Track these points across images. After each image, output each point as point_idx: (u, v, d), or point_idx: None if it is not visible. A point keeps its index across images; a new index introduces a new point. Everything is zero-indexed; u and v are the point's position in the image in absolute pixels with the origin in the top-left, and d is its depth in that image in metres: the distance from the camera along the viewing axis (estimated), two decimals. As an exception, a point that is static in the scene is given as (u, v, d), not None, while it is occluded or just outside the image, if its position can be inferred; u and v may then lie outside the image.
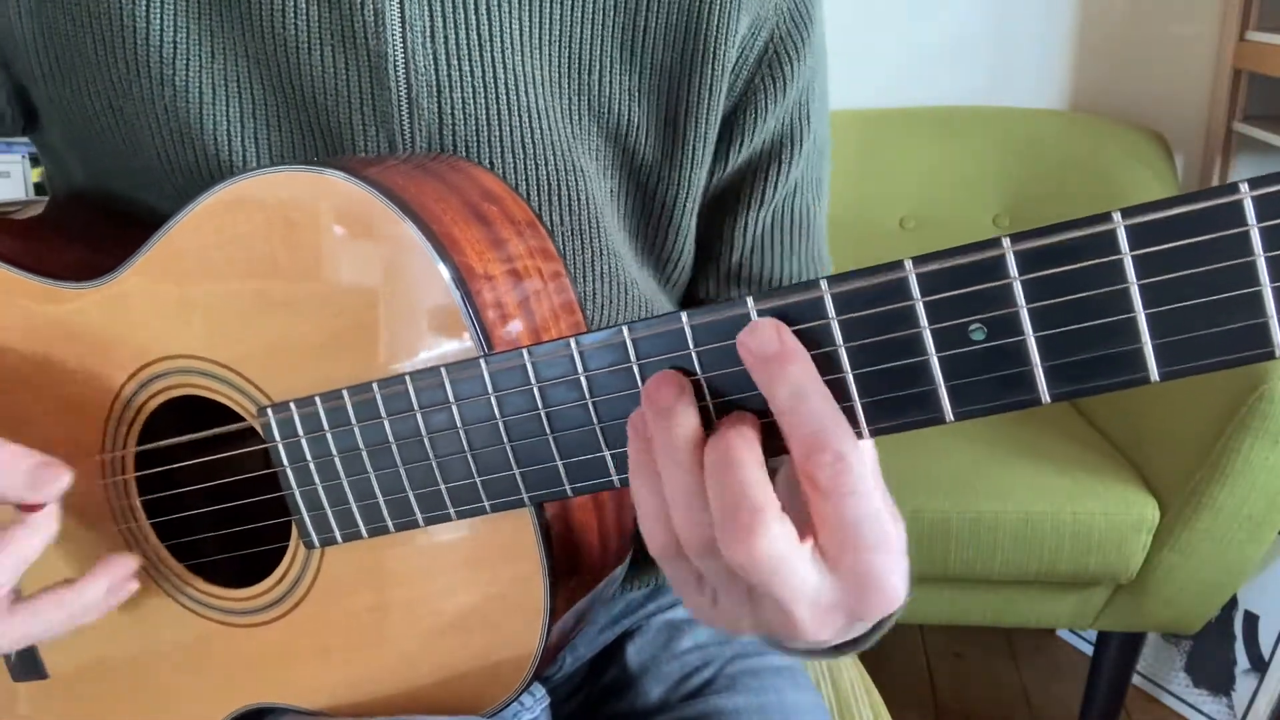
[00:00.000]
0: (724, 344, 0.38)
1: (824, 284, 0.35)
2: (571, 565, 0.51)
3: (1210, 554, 1.40)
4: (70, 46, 0.55)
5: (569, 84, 0.59)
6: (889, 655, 1.95)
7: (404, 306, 0.48)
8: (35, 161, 1.77)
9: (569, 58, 0.58)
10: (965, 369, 0.35)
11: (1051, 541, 1.42)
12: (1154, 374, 0.33)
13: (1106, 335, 0.33)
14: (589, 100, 0.59)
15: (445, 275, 0.46)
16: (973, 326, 0.34)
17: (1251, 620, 1.63)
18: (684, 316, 0.38)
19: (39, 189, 1.76)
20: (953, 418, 0.35)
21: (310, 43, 0.54)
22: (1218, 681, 1.69)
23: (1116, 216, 0.32)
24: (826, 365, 0.36)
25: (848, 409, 0.36)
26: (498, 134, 0.58)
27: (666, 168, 0.62)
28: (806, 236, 0.70)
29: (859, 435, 0.37)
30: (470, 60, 0.56)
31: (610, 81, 0.59)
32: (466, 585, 0.51)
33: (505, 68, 0.57)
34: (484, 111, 0.57)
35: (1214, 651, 1.69)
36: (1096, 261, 0.32)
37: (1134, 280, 0.32)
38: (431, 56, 0.55)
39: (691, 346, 0.39)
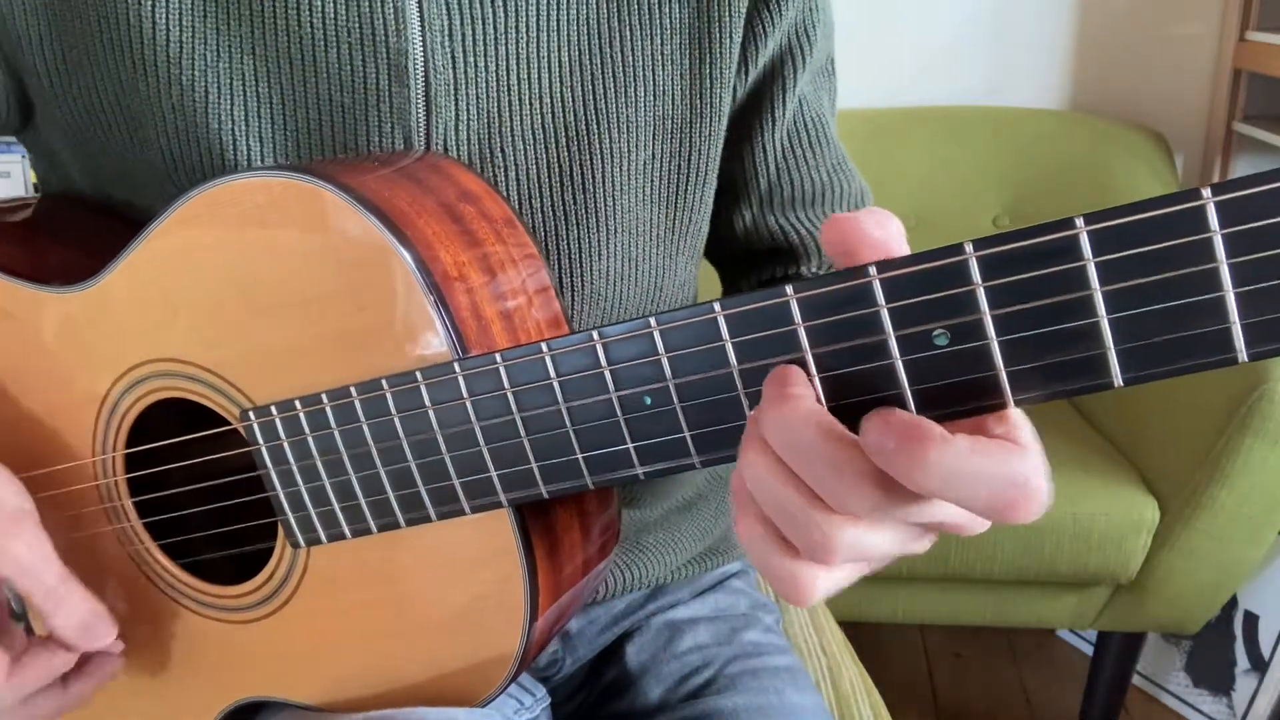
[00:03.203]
0: (693, 349, 0.38)
1: (789, 289, 0.35)
2: (553, 564, 0.51)
3: (1210, 554, 1.40)
4: (77, 45, 0.56)
5: (591, 61, 0.59)
6: (889, 655, 1.95)
7: (379, 311, 0.48)
8: (36, 162, 1.78)
9: (589, 34, 0.59)
10: (929, 374, 0.35)
11: (1051, 541, 1.42)
12: (1118, 379, 0.33)
13: (1070, 341, 0.33)
14: (614, 74, 0.60)
15: (418, 279, 0.46)
16: (936, 332, 0.34)
17: (1251, 620, 1.62)
18: (653, 321, 0.38)
19: (39, 190, 1.77)
20: (917, 422, 0.35)
21: (328, 40, 0.55)
22: (1218, 681, 1.68)
23: (1079, 222, 0.32)
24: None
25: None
26: (509, 125, 0.58)
27: (698, 124, 0.63)
28: (826, 143, 0.71)
29: None
30: (486, 56, 0.57)
31: (633, 51, 0.60)
32: (449, 584, 0.52)
33: (520, 59, 0.57)
34: (496, 105, 0.58)
35: (1214, 651, 1.68)
36: (1060, 268, 0.32)
37: (1097, 286, 0.32)
38: (449, 55, 0.56)
39: (661, 351, 0.39)
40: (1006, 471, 0.33)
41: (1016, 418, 0.35)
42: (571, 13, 0.58)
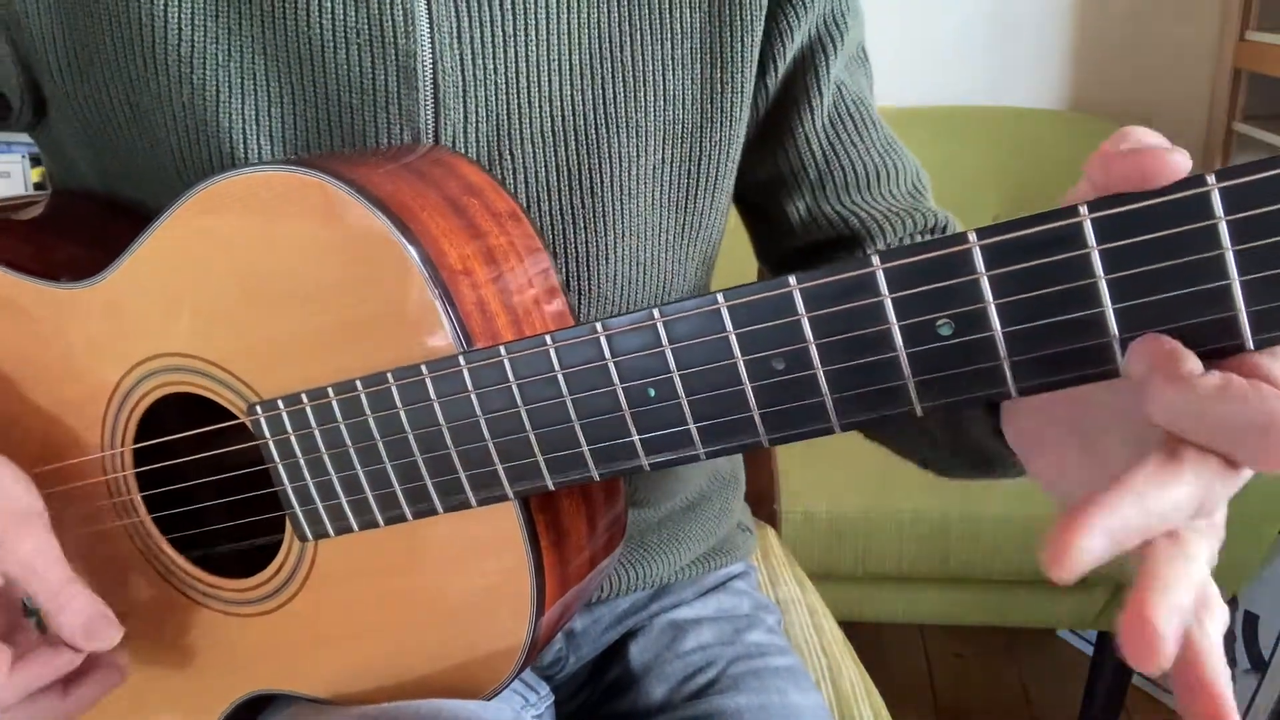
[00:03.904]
0: (697, 341, 0.38)
1: (792, 280, 0.35)
2: (560, 556, 0.51)
3: (1210, 554, 1.40)
4: (89, 43, 0.56)
5: (601, 65, 0.59)
6: (889, 655, 1.95)
7: (384, 304, 0.48)
8: (35, 161, 1.78)
9: (599, 37, 0.59)
10: (933, 364, 0.35)
11: (1051, 541, 1.42)
12: (1122, 369, 0.33)
13: (1075, 329, 0.33)
14: (623, 78, 0.60)
15: (422, 272, 0.46)
16: (940, 322, 0.34)
17: (1251, 620, 1.62)
18: (656, 313, 0.38)
19: (39, 189, 1.77)
20: (921, 412, 0.35)
21: (337, 41, 0.55)
22: (1218, 682, 1.68)
23: (1083, 209, 0.32)
24: (797, 361, 0.37)
25: (818, 404, 0.37)
26: (518, 127, 0.58)
27: (709, 129, 0.63)
28: (872, 125, 0.70)
29: (830, 430, 0.37)
30: (495, 58, 0.56)
31: (643, 55, 0.60)
32: (456, 577, 0.52)
33: (529, 61, 0.57)
34: (505, 107, 0.57)
35: (1214, 651, 1.68)
36: (1063, 256, 0.32)
37: (1101, 274, 0.32)
38: (458, 57, 0.56)
39: (665, 343, 0.39)
40: None
41: None
42: (581, 16, 0.58)
